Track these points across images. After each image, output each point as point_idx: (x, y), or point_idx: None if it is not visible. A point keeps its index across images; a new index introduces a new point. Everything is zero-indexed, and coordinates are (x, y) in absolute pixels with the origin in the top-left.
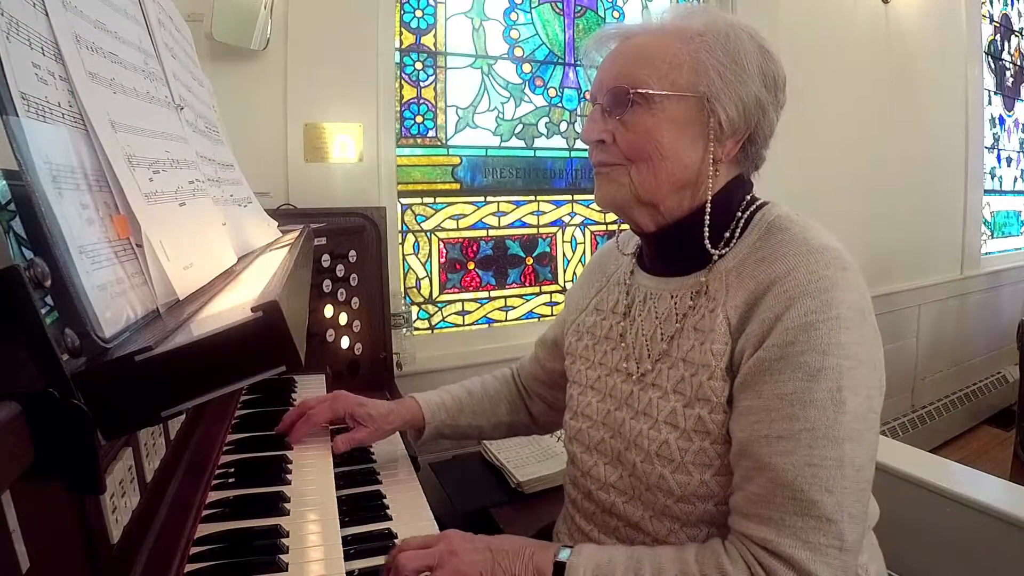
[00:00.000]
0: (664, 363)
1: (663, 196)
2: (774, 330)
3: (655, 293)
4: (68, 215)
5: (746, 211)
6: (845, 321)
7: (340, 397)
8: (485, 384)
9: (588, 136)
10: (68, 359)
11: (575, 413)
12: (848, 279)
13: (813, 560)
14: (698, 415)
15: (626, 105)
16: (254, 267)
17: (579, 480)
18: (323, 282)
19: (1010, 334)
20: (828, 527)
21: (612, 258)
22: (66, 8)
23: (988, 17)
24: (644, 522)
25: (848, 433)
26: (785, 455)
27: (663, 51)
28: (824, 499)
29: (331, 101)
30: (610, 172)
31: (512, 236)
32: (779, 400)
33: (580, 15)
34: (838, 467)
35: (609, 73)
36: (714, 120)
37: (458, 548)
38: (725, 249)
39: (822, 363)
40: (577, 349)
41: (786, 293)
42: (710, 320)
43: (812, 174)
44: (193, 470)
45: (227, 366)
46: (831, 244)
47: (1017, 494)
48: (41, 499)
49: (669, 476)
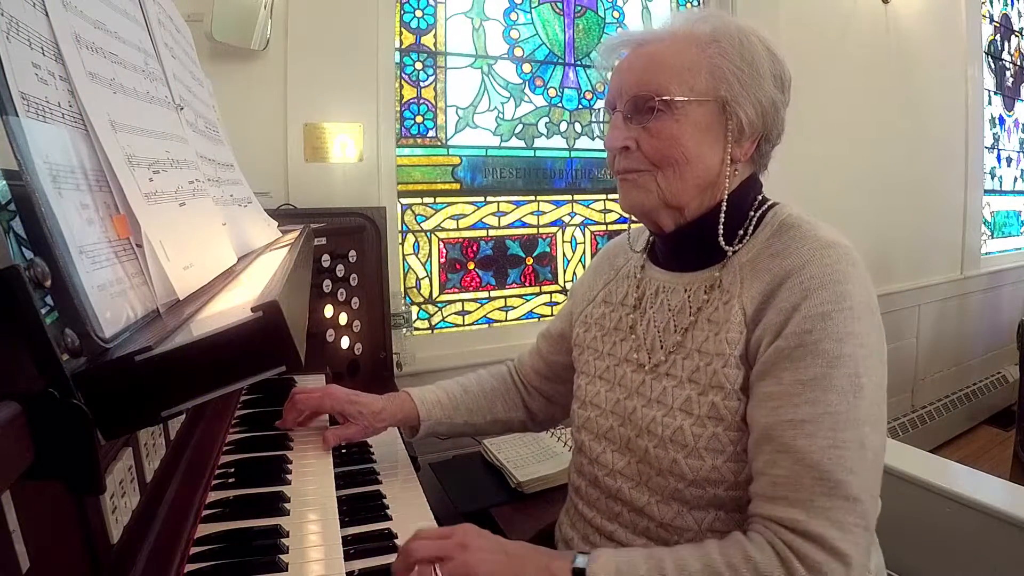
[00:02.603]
0: (679, 354)
1: (689, 198)
2: (792, 319)
3: (668, 287)
4: (68, 215)
5: (758, 210)
6: (857, 312)
7: (331, 393)
8: (481, 380)
9: (613, 143)
10: (68, 359)
11: (583, 402)
12: (858, 274)
13: (843, 539)
14: (712, 402)
15: (650, 112)
16: (254, 267)
17: (585, 468)
18: (323, 282)
19: (1010, 334)
20: (854, 506)
21: (622, 252)
22: (66, 8)
23: (988, 17)
24: (650, 507)
25: (867, 417)
26: (809, 438)
27: (680, 57)
28: (850, 479)
29: (331, 101)
30: (637, 178)
31: (512, 236)
32: (800, 386)
33: (580, 15)
34: (860, 449)
35: (628, 81)
36: (734, 122)
37: (471, 544)
38: (739, 245)
39: (840, 350)
40: (585, 340)
41: (802, 284)
42: (725, 311)
43: (812, 174)
44: (193, 470)
45: (227, 366)
46: (841, 241)
47: (1017, 494)
48: (41, 499)
49: (682, 461)
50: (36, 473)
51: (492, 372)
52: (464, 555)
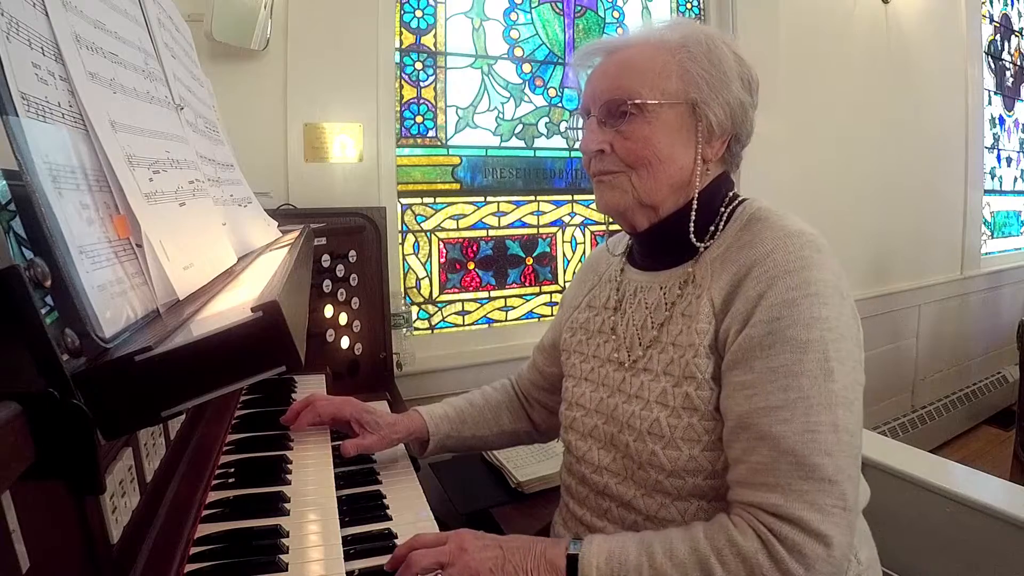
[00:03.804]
0: (654, 348)
1: (663, 197)
2: (758, 307)
3: (645, 286)
4: (68, 215)
5: (729, 206)
6: (823, 297)
7: (349, 401)
8: (486, 395)
9: (587, 147)
10: (68, 359)
11: (570, 404)
12: (823, 260)
13: (822, 520)
14: (685, 393)
15: (623, 116)
16: (254, 267)
17: (574, 466)
18: (323, 282)
19: (1010, 334)
20: (831, 488)
21: (604, 259)
22: (66, 8)
23: (988, 17)
24: (636, 500)
25: (840, 400)
26: (784, 423)
27: (651, 62)
28: (825, 462)
29: (331, 101)
30: (612, 179)
31: (512, 236)
32: (772, 373)
33: (580, 15)
34: (834, 432)
35: (601, 86)
36: (703, 123)
37: (469, 546)
38: (710, 241)
39: (808, 336)
40: (572, 344)
41: (767, 273)
42: (696, 305)
43: (812, 174)
44: (193, 470)
45: (227, 366)
46: (806, 229)
47: (1017, 494)
48: (41, 499)
49: (660, 452)
50: (36, 473)
51: (496, 386)
52: (464, 558)
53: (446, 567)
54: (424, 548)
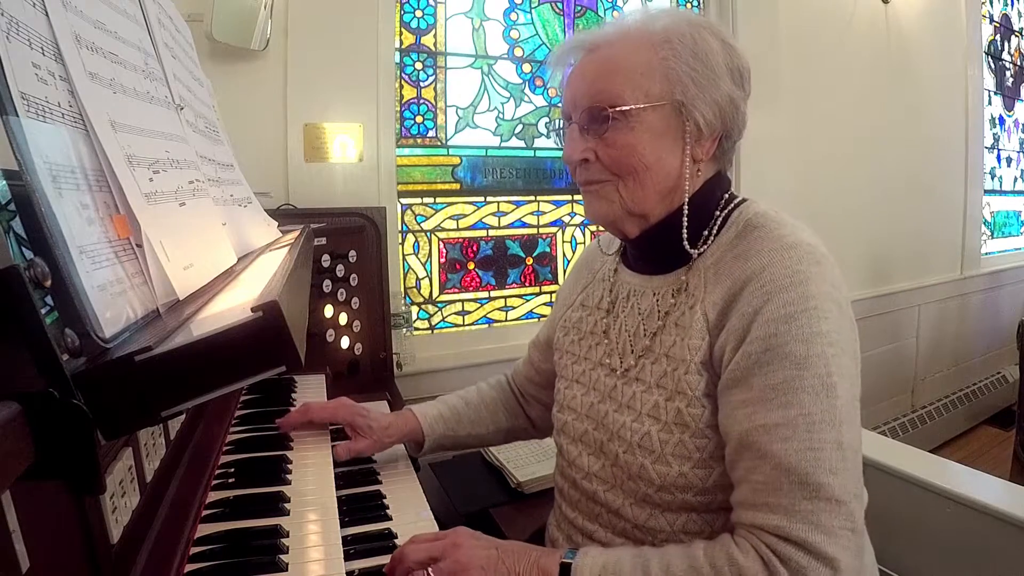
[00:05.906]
0: (647, 359)
1: (652, 205)
2: (754, 324)
3: (638, 290)
4: (68, 215)
5: (724, 208)
6: (822, 312)
7: (343, 404)
8: (482, 392)
9: (570, 156)
10: (68, 359)
11: (561, 406)
12: (822, 272)
13: (828, 543)
14: (677, 408)
15: (605, 122)
16: (254, 267)
17: (565, 470)
18: (323, 282)
19: (1010, 334)
20: (838, 508)
21: (598, 256)
22: (66, 8)
23: (988, 17)
24: (624, 508)
25: (843, 416)
26: (785, 441)
27: (632, 62)
28: (831, 481)
29: (331, 101)
30: (599, 189)
31: (512, 236)
32: (771, 390)
33: (580, 15)
34: (838, 449)
35: (580, 91)
36: (691, 124)
37: (464, 542)
38: (704, 247)
39: (807, 351)
40: (564, 344)
41: (763, 288)
42: (689, 316)
43: (812, 174)
44: (193, 470)
45: (227, 366)
46: (804, 240)
47: (1017, 494)
48: (41, 499)
49: (650, 467)
50: (36, 473)
51: (492, 383)
52: (456, 553)
53: (438, 560)
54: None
